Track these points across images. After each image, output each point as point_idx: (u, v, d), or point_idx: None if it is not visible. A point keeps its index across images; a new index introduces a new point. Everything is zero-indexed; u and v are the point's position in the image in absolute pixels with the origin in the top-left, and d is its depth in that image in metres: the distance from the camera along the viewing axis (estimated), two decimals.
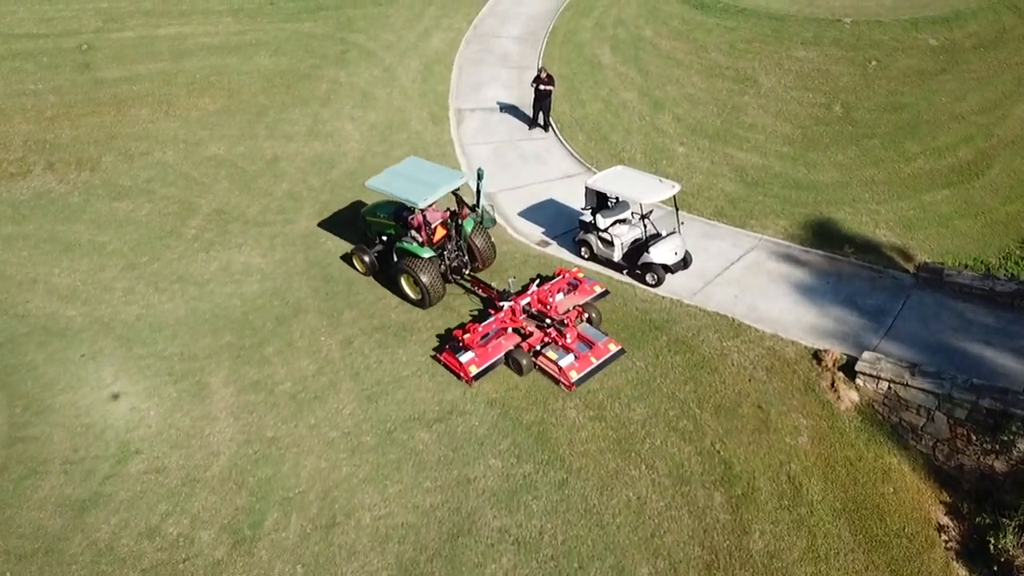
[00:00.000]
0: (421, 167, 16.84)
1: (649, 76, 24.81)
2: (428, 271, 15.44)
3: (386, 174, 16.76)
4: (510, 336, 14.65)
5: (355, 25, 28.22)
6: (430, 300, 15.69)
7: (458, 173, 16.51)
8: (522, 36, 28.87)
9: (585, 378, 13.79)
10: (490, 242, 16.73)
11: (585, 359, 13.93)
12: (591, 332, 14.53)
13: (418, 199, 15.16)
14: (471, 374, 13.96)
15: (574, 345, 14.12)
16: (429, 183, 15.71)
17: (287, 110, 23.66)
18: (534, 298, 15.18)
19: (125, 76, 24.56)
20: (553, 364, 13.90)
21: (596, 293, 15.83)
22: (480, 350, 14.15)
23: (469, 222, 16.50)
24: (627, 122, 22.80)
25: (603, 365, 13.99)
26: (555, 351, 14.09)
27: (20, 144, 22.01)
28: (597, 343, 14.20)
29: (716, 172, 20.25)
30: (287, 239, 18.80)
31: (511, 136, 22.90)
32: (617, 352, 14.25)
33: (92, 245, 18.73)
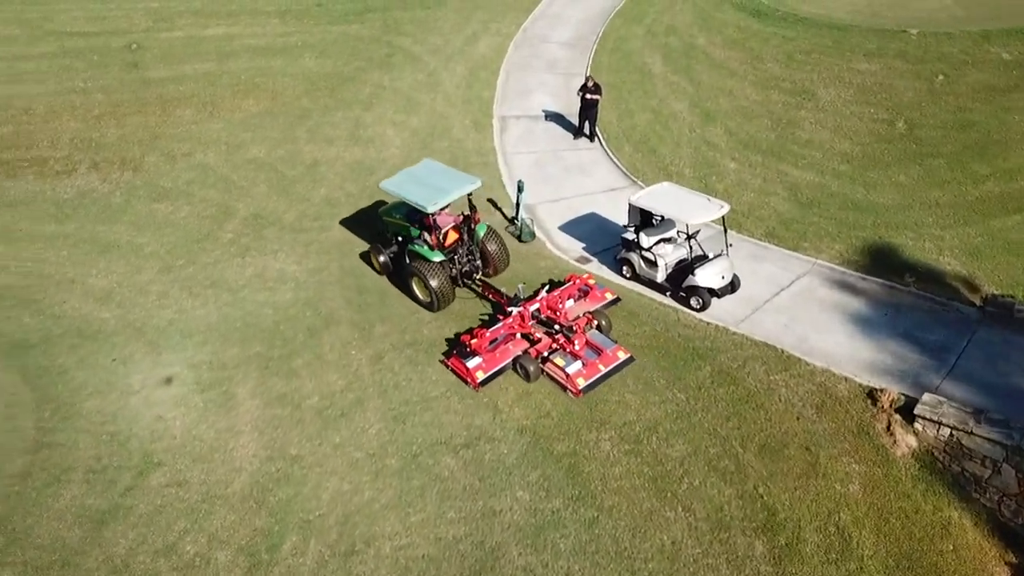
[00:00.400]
0: (435, 170, 16.65)
1: (701, 87, 23.94)
2: (437, 275, 15.41)
3: (400, 176, 16.69)
4: (518, 342, 14.52)
5: (402, 28, 27.89)
6: (438, 304, 15.65)
7: (471, 178, 16.22)
8: (571, 42, 28.22)
9: (593, 385, 13.57)
10: (503, 248, 16.51)
11: (593, 366, 13.71)
12: (600, 339, 14.28)
13: (427, 203, 15.12)
14: (478, 380, 13.82)
15: (582, 352, 13.91)
16: (441, 187, 15.59)
17: (329, 113, 23.40)
18: (543, 304, 15.00)
19: (171, 76, 24.60)
20: (560, 371, 13.71)
21: (607, 300, 15.54)
22: (488, 356, 14.02)
23: (482, 227, 16.36)
24: (676, 134, 21.98)
25: (612, 372, 13.78)
26: (563, 358, 13.91)
27: (67, 142, 22.15)
28: (606, 350, 13.95)
29: (768, 190, 19.32)
30: (322, 247, 18.48)
31: (555, 146, 22.27)
32: (626, 360, 13.99)
33: (130, 247, 18.66)
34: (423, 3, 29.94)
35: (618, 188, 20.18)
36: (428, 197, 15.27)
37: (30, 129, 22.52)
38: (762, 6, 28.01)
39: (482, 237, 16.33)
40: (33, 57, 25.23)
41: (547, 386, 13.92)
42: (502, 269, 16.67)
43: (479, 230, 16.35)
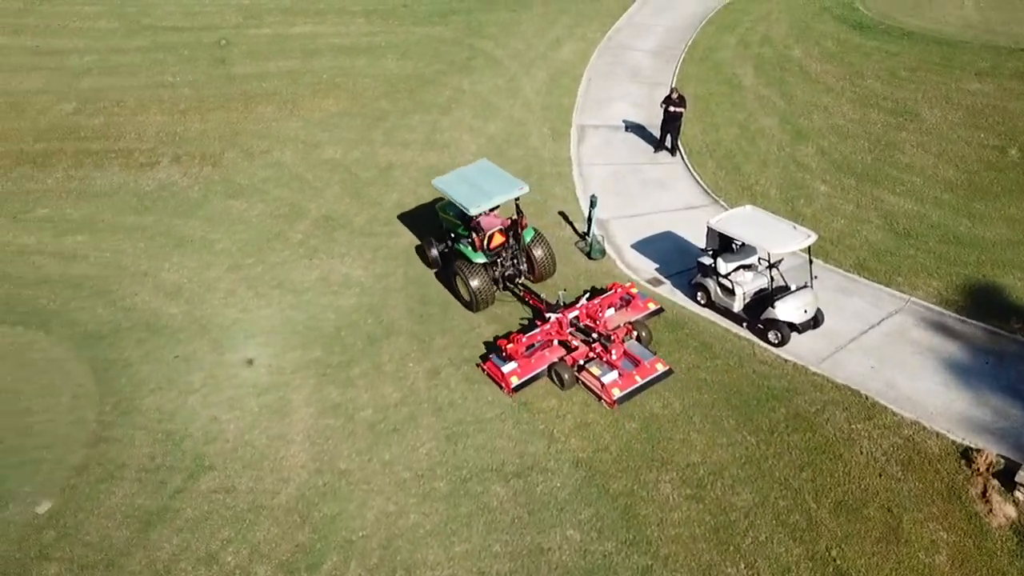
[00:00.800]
0: (488, 172, 16.60)
1: (793, 102, 22.67)
2: (478, 276, 15.52)
3: (453, 175, 16.77)
4: (555, 349, 14.32)
5: (485, 31, 27.53)
6: (476, 304, 15.71)
7: (519, 183, 16.00)
8: (657, 50, 27.27)
9: (628, 397, 13.29)
10: (550, 255, 16.37)
11: (629, 377, 13.42)
12: (638, 350, 14.00)
13: (471, 205, 15.19)
14: (512, 385, 13.71)
15: (619, 362, 13.64)
16: (487, 190, 15.62)
17: (407, 116, 23.21)
18: (583, 312, 14.79)
19: (256, 73, 24.91)
20: (596, 380, 13.46)
21: (649, 310, 15.21)
22: (523, 361, 13.87)
23: (529, 232, 16.29)
24: (764, 152, 20.83)
25: (648, 384, 13.48)
26: (599, 367, 13.64)
27: (153, 135, 22.65)
28: (643, 361, 13.66)
29: (861, 217, 18.02)
30: (390, 252, 18.22)
31: (634, 158, 21.44)
32: (665, 372, 13.69)
33: (203, 242, 18.85)
34: (508, 6, 29.54)
35: (697, 207, 19.21)
36: (472, 199, 15.32)
37: (119, 121, 23.16)
38: (865, 18, 26.47)
39: (528, 242, 16.24)
40: (128, 51, 26.00)
41: (606, 417, 13.21)
42: (548, 275, 16.57)
43: (525, 235, 16.25)
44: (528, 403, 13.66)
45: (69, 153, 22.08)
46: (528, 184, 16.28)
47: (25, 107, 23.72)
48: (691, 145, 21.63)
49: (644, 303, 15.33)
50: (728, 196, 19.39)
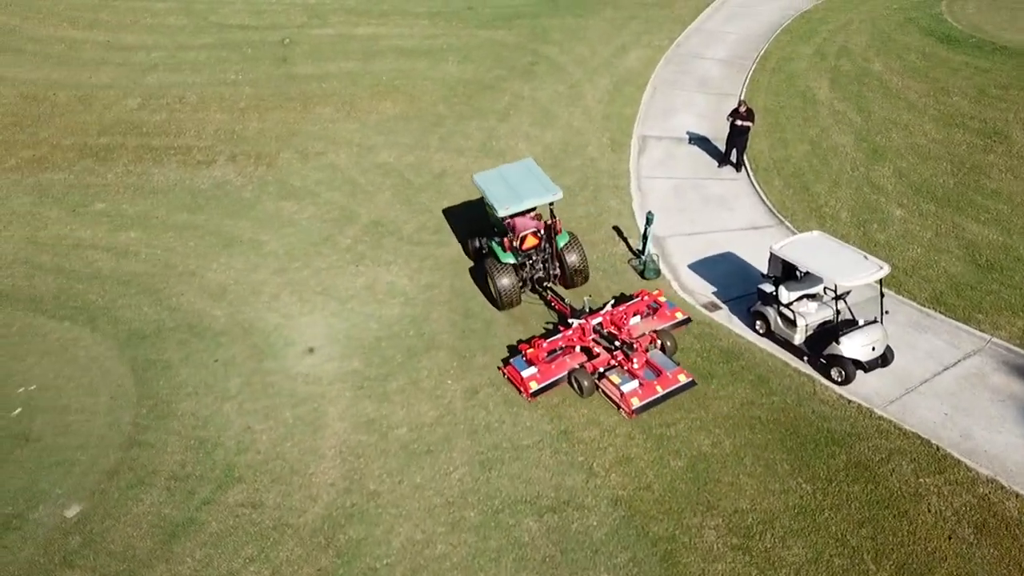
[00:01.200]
0: (528, 173, 16.38)
1: (871, 118, 21.36)
2: (505, 275, 15.51)
3: (494, 172, 16.74)
4: (577, 355, 14.18)
5: (549, 36, 26.90)
6: (502, 304, 15.76)
7: (554, 188, 15.68)
8: (728, 59, 26.18)
9: (647, 407, 13.03)
10: (583, 261, 16.05)
11: (650, 387, 13.15)
12: (661, 359, 13.77)
13: (500, 206, 15.21)
14: (531, 389, 13.57)
15: (641, 371, 13.45)
16: (520, 192, 15.54)
17: (463, 122, 22.75)
18: (607, 318, 14.60)
19: (316, 73, 24.83)
20: (616, 388, 13.23)
21: (676, 320, 14.88)
22: (543, 366, 13.77)
23: (563, 237, 16.05)
24: (836, 171, 19.63)
25: (669, 395, 13.18)
26: (619, 375, 13.47)
27: (211, 133, 22.74)
28: (665, 371, 13.39)
29: (940, 246, 16.73)
30: (437, 263, 17.76)
31: (696, 173, 20.50)
32: (688, 383, 13.34)
33: (252, 244, 18.74)
34: (575, 11, 28.84)
35: (761, 227, 18.19)
36: (503, 199, 15.32)
37: (180, 118, 23.34)
38: (953, 31, 24.86)
39: (562, 247, 15.99)
40: (194, 47, 26.26)
41: (651, 452, 12.43)
42: (579, 283, 16.29)
43: (559, 239, 16.01)
44: (568, 432, 12.98)
45: (130, 148, 22.33)
46: (583, 196, 15.70)
47: (93, 101, 24.14)
48: (758, 161, 20.57)
49: (672, 312, 14.96)
50: (795, 217, 18.31)
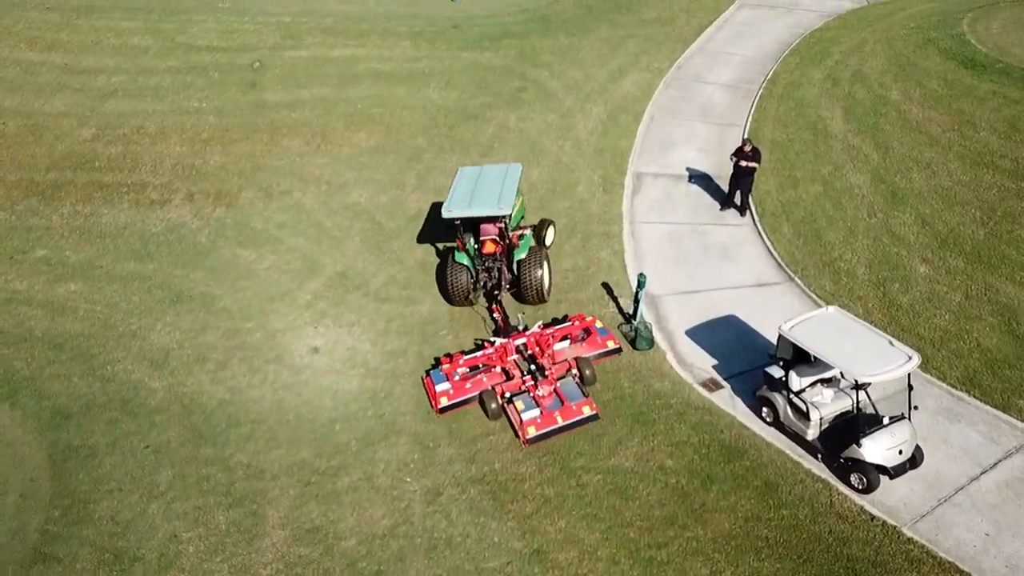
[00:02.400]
0: (501, 180, 16.25)
1: (890, 155, 19.39)
2: (453, 272, 15.66)
3: (476, 170, 16.95)
4: (495, 375, 13.96)
5: (539, 58, 24.98)
6: (449, 297, 15.96)
7: (502, 204, 15.24)
8: (732, 84, 24.24)
9: (543, 437, 12.75)
10: (538, 280, 15.54)
11: (550, 417, 12.87)
12: (570, 389, 13.48)
13: (448, 206, 15.42)
14: (440, 405, 13.49)
15: (548, 400, 13.19)
16: (473, 199, 15.52)
17: (443, 156, 20.87)
18: (531, 340, 14.23)
19: (287, 101, 22.96)
20: (517, 415, 13.03)
21: (606, 349, 14.42)
22: (458, 383, 13.68)
23: (519, 251, 15.81)
24: (851, 217, 17.68)
25: (569, 427, 12.87)
26: (525, 401, 13.25)
27: (169, 168, 20.89)
28: (569, 403, 13.09)
29: (971, 312, 14.77)
30: (405, 324, 15.89)
31: (695, 216, 18.56)
32: (590, 416, 12.97)
33: (203, 299, 16.88)
34: (568, 30, 26.93)
35: (768, 284, 16.26)
36: (455, 201, 15.53)
37: (137, 151, 21.49)
38: (978, 55, 22.83)
39: (518, 260, 15.76)
40: (158, 71, 24.41)
41: None
42: (533, 301, 15.86)
43: (515, 253, 15.82)
44: (541, 551, 11.08)
45: (80, 185, 20.49)
46: (571, 245, 14.70)
47: (44, 131, 22.31)
48: (764, 203, 18.63)
49: (603, 340, 14.50)
50: (806, 272, 16.37)
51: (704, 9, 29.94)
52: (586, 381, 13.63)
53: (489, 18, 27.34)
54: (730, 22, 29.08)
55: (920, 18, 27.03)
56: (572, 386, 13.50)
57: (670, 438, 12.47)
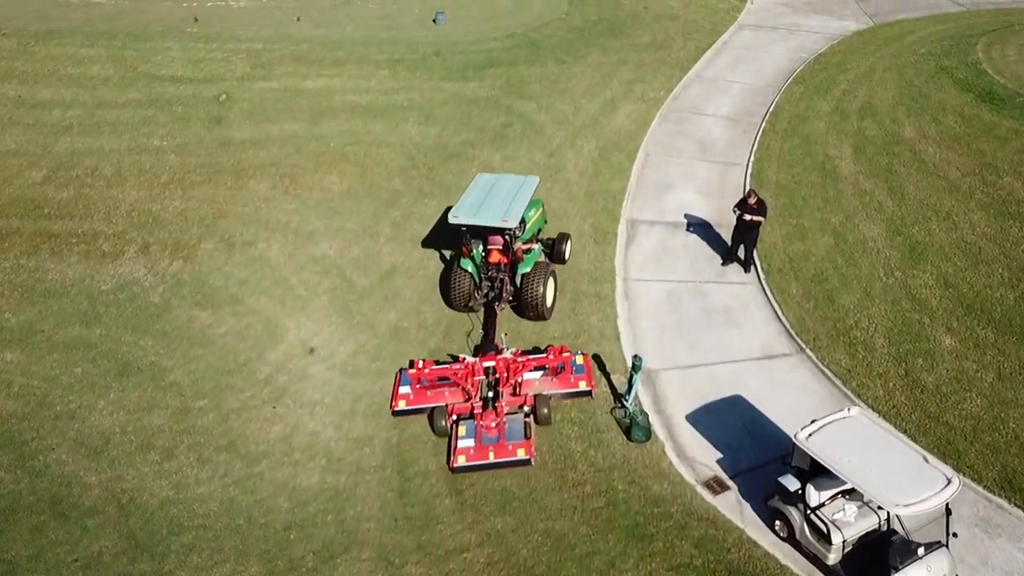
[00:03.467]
0: (514, 192, 15.83)
1: (905, 202, 17.87)
2: (456, 277, 15.56)
3: (492, 177, 16.67)
4: (458, 392, 13.70)
5: (527, 89, 23.40)
6: (450, 302, 15.88)
7: (507, 216, 14.89)
8: (733, 116, 22.70)
9: (470, 469, 12.57)
10: (539, 297, 15.13)
11: (483, 451, 12.61)
12: (514, 427, 12.99)
13: (454, 212, 15.13)
14: (395, 407, 13.70)
15: (491, 432, 12.87)
16: (482, 208, 15.21)
17: (422, 201, 19.26)
18: (501, 365, 13.85)
19: (255, 138, 21.32)
20: (455, 440, 12.88)
21: (576, 389, 13.75)
22: (419, 391, 13.75)
23: (523, 265, 15.53)
24: (866, 275, 16.12)
25: (499, 466, 12.57)
26: (468, 428, 13.02)
27: (124, 215, 19.22)
28: (505, 442, 12.70)
29: (1006, 396, 13.21)
30: (372, 404, 14.28)
31: (696, 273, 16.97)
32: (521, 460, 12.55)
33: (152, 371, 15.24)
34: (557, 56, 25.36)
35: (777, 356, 14.68)
36: (464, 208, 15.21)
37: (91, 195, 19.82)
38: (996, 87, 21.39)
39: (522, 272, 15.44)
40: (117, 105, 22.76)
41: None
42: (531, 317, 15.54)
43: (519, 266, 15.54)
44: None
45: (26, 235, 18.81)
46: (559, 308, 15.19)
47: None
48: (771, 257, 17.06)
49: (576, 379, 13.79)
50: (818, 342, 14.80)
51: (701, 31, 28.42)
52: (539, 420, 13.17)
53: (474, 44, 25.75)
54: (729, 46, 27.56)
55: (930, 42, 25.57)
56: (518, 424, 13.05)
57: (670, 559, 10.87)
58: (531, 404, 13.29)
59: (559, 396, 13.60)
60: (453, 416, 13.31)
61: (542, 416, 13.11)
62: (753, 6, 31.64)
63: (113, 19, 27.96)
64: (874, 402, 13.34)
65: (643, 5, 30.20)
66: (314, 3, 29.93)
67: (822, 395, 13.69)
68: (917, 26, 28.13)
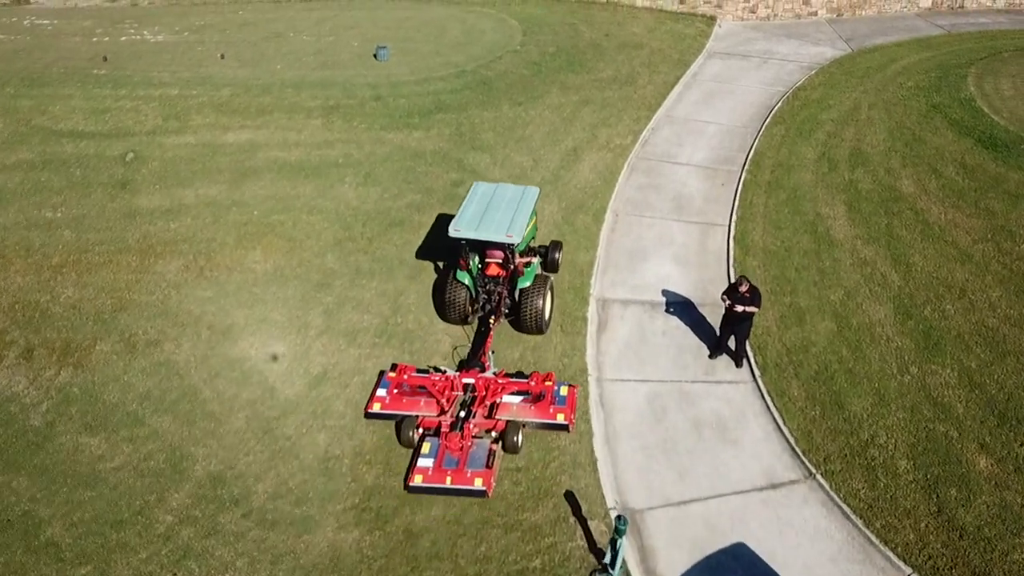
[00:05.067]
0: (515, 204, 15.24)
1: (912, 275, 15.71)
2: (451, 289, 15.18)
3: (491, 188, 15.91)
4: (432, 404, 13.26)
5: (479, 138, 20.85)
6: (444, 314, 15.45)
7: (510, 231, 14.38)
8: (709, 164, 20.44)
9: (424, 491, 12.19)
10: (537, 312, 14.76)
11: (441, 474, 12.19)
12: (477, 454, 12.55)
13: (454, 225, 14.60)
14: (370, 408, 13.47)
15: (455, 454, 12.46)
16: (484, 221, 14.65)
17: (360, 282, 16.58)
18: (481, 383, 13.29)
19: (165, 206, 18.41)
20: (416, 457, 12.55)
21: (552, 420, 13.04)
22: (396, 396, 13.47)
23: (523, 279, 15.11)
24: (877, 371, 13.88)
25: (455, 492, 12.10)
26: (432, 446, 12.63)
27: (5, 308, 16.19)
28: (465, 468, 12.26)
29: None
30: (295, 567, 11.57)
31: (681, 369, 14.57)
32: (478, 491, 12.04)
33: (24, 523, 12.34)
34: (513, 96, 22.85)
35: (783, 485, 12.33)
36: (464, 220, 14.69)
37: None
38: (996, 129, 19.45)
39: (521, 287, 15.02)
40: (5, 168, 19.63)
41: None
42: (531, 331, 15.12)
43: (519, 281, 15.12)
44: None
45: None
46: None
47: None
48: (766, 348, 14.73)
49: (554, 410, 13.05)
50: (830, 463, 12.49)
51: (667, 62, 26.16)
52: (507, 448, 12.64)
53: (419, 84, 23.09)
54: (699, 78, 25.34)
55: (916, 74, 23.61)
56: (482, 451, 12.55)
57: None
58: (501, 429, 12.79)
59: (533, 425, 13.05)
60: (420, 429, 13.01)
61: (510, 444, 12.59)
62: (721, 30, 29.55)
63: (9, 59, 24.75)
64: (905, 551, 11.06)
65: (604, 33, 27.86)
66: (241, 36, 27.01)
67: (841, 540, 11.36)
68: (898, 53, 26.22)
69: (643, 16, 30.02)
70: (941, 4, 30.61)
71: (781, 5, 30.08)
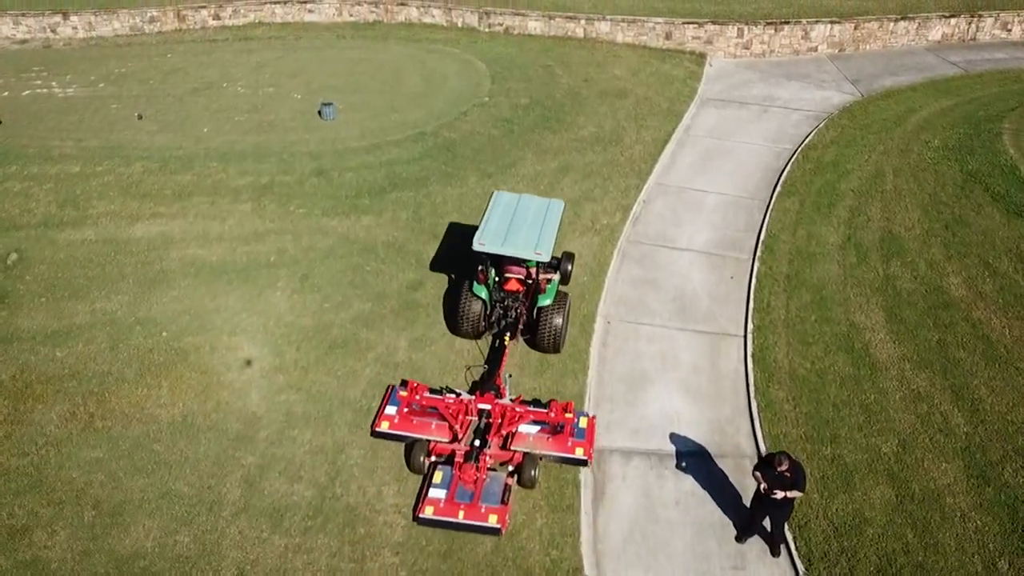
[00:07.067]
0: (541, 219, 14.42)
1: (981, 417, 12.62)
2: (466, 301, 14.32)
3: (514, 198, 15.08)
4: (444, 429, 12.53)
5: (439, 225, 17.47)
6: (456, 327, 14.51)
7: (539, 248, 13.60)
8: (714, 249, 17.33)
9: (435, 524, 11.40)
10: (556, 329, 14.03)
11: (453, 507, 11.44)
12: (492, 488, 11.77)
13: (478, 237, 13.81)
14: (377, 427, 12.71)
15: (467, 484, 11.72)
16: (511, 235, 13.92)
17: (289, 434, 13.13)
18: (497, 410, 12.40)
19: (52, 328, 14.83)
20: (427, 487, 11.81)
21: (571, 455, 12.21)
22: (406, 415, 12.72)
23: (545, 297, 14.21)
24: (956, 567, 10.72)
25: (466, 529, 11.32)
26: (444, 475, 11.89)
27: None
28: (478, 504, 11.46)
29: None
30: None
31: (701, 562, 11.27)
32: (492, 528, 11.21)
33: None
34: (481, 165, 19.56)
35: None
36: (489, 233, 13.95)
37: None
38: None
39: (541, 305, 14.18)
40: None
41: None
42: (548, 350, 14.32)
43: (540, 299, 14.27)
44: None
45: None
46: None
47: None
48: (808, 529, 11.51)
49: (573, 444, 12.37)
50: None
51: (656, 113, 23.01)
52: (523, 482, 11.99)
53: (370, 152, 19.66)
54: (692, 133, 22.21)
55: (942, 129, 20.66)
56: (497, 485, 11.92)
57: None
58: (518, 463, 12.10)
59: (551, 459, 12.38)
60: (432, 457, 12.36)
61: (527, 478, 11.95)
62: (712, 69, 26.48)
63: None
64: None
65: (583, 77, 24.63)
66: (166, 88, 23.34)
67: None
68: (915, 100, 23.31)
69: (625, 55, 26.82)
70: (951, 36, 27.83)
71: (778, 40, 27.10)
